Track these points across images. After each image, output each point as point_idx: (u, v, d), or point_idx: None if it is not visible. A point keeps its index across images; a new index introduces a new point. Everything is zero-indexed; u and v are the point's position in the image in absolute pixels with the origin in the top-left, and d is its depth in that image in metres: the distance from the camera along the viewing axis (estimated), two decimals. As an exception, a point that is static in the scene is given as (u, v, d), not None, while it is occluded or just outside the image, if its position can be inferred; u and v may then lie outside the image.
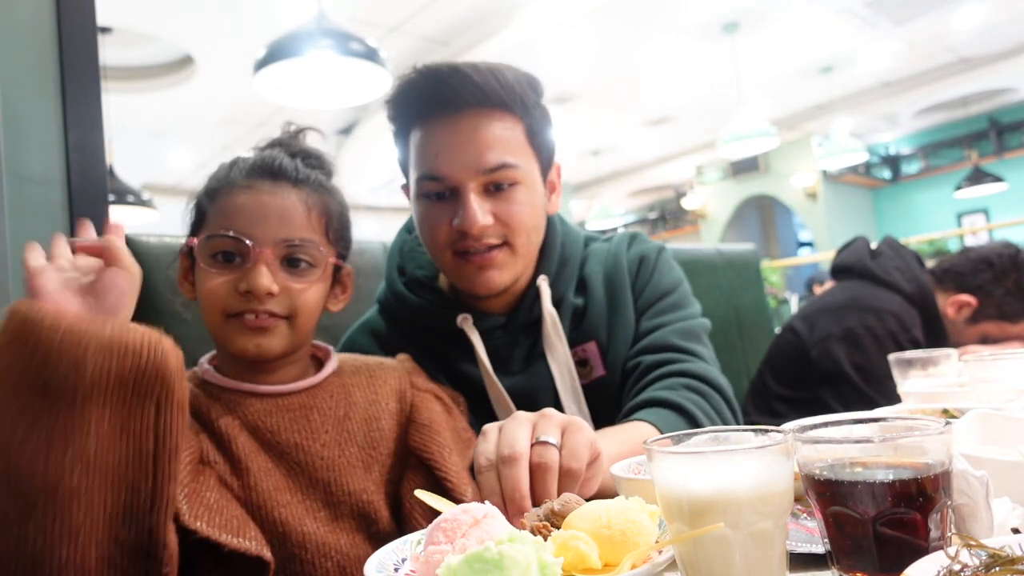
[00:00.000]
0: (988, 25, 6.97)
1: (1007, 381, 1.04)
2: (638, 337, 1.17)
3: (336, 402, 0.95)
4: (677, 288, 1.23)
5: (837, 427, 0.57)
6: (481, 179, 1.03)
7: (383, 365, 1.04)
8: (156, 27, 5.39)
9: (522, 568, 0.52)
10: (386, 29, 5.71)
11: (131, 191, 5.73)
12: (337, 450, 0.90)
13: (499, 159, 1.03)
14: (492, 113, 1.04)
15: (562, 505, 0.65)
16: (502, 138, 1.04)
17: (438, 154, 1.03)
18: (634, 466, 0.85)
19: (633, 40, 6.41)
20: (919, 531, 0.50)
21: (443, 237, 1.05)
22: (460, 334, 1.12)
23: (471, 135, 1.03)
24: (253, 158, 0.94)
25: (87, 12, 1.35)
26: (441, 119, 1.04)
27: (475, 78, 1.03)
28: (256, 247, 0.87)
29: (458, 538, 0.59)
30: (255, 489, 0.84)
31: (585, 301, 1.18)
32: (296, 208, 0.91)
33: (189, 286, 0.95)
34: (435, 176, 1.04)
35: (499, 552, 0.52)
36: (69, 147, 1.30)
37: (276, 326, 0.89)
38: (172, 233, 1.29)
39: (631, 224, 13.87)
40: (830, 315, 1.95)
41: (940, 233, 8.67)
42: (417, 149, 1.07)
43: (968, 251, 1.99)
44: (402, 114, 1.09)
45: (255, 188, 0.90)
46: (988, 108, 10.08)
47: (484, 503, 0.62)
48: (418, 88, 1.05)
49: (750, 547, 0.50)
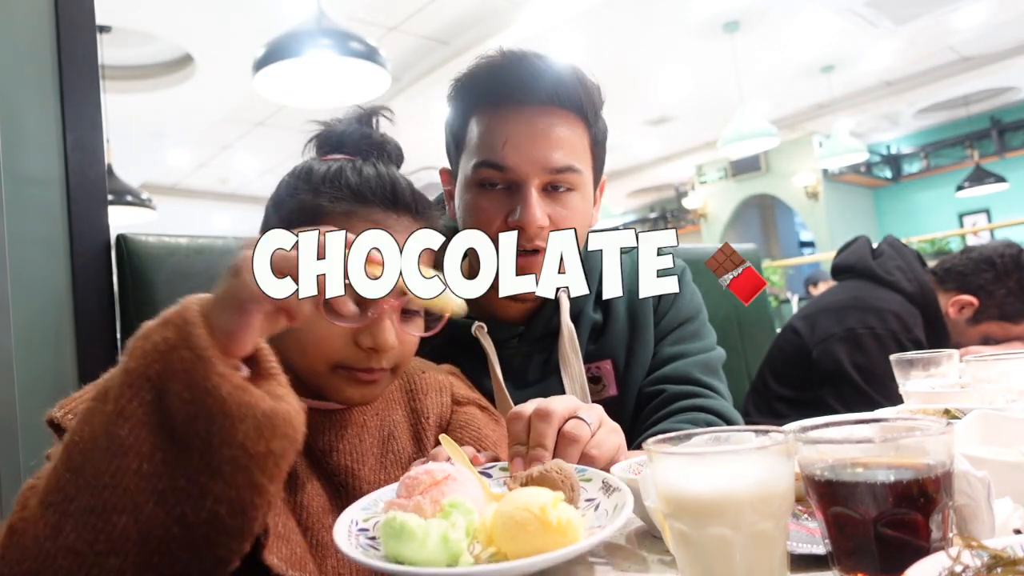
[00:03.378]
0: (990, 24, 6.96)
1: (1009, 382, 1.03)
2: (657, 363, 1.15)
3: (381, 420, 0.89)
4: (698, 315, 1.22)
5: (838, 427, 0.57)
6: (545, 178, 1.01)
7: (426, 376, 0.97)
8: (155, 26, 5.39)
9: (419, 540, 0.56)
10: (386, 28, 5.71)
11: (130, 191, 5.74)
12: (383, 475, 0.85)
13: (567, 161, 1.01)
14: (567, 114, 1.03)
15: (541, 473, 0.66)
16: (571, 140, 1.03)
17: (506, 143, 1.00)
18: (634, 466, 0.85)
19: (633, 40, 6.41)
20: (920, 532, 0.50)
21: (494, 231, 1.01)
22: (473, 343, 1.10)
23: (544, 131, 1.00)
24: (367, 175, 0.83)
25: (86, 11, 1.35)
26: (514, 108, 1.01)
27: (561, 74, 1.01)
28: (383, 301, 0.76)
29: (415, 495, 0.62)
30: (306, 509, 0.79)
31: (604, 318, 1.16)
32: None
33: None
34: (499, 165, 1.00)
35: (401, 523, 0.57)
36: (68, 146, 1.29)
37: (384, 377, 0.83)
38: (171, 232, 1.29)
39: (631, 224, 13.87)
40: (831, 315, 1.95)
41: (941, 233, 8.66)
42: (481, 135, 1.03)
43: (970, 251, 1.99)
44: (471, 95, 1.05)
45: (380, 224, 0.80)
46: (990, 107, 10.07)
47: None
48: (500, 71, 1.02)
49: (751, 548, 0.50)
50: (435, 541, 0.56)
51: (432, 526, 0.57)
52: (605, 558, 0.68)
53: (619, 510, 0.62)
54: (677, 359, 1.15)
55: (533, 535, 0.56)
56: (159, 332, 0.56)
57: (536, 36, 5.93)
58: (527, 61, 1.02)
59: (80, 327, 1.28)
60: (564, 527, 0.57)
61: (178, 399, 0.55)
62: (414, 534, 0.56)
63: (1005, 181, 9.05)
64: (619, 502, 0.64)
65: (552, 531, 0.57)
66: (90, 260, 1.30)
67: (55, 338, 1.26)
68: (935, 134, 10.92)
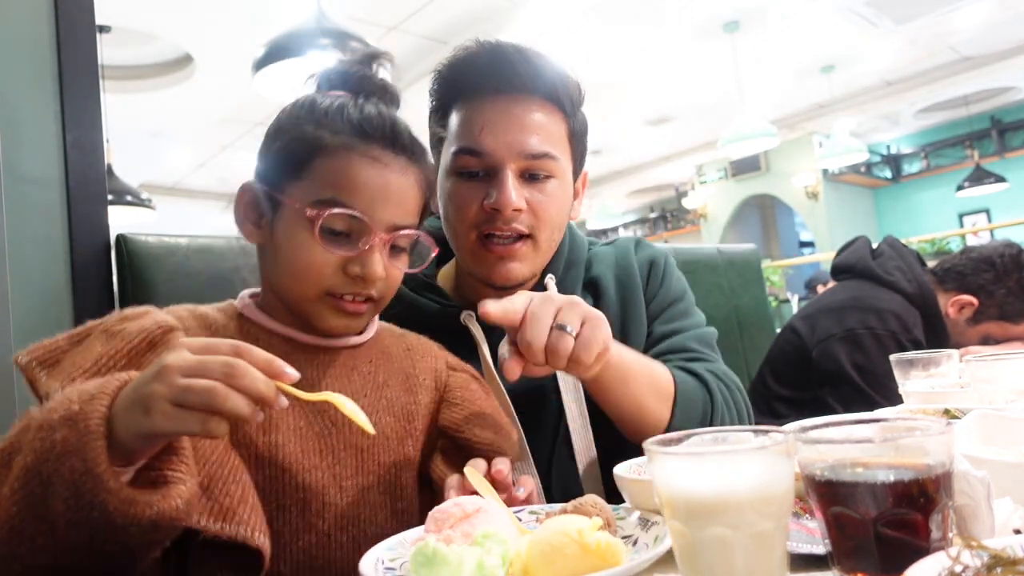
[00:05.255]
0: (990, 24, 6.96)
1: (1008, 382, 1.03)
2: (652, 343, 1.17)
3: (375, 367, 0.91)
4: (685, 295, 1.25)
5: (838, 427, 0.57)
6: (522, 163, 1.02)
7: (421, 340, 1.01)
8: (155, 26, 5.39)
9: (453, 567, 0.53)
10: (385, 28, 5.71)
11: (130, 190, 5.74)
12: (374, 416, 0.86)
13: (543, 147, 1.03)
14: (544, 103, 1.04)
15: (575, 506, 0.65)
16: (549, 128, 1.04)
17: (482, 129, 1.01)
18: (635, 467, 0.85)
19: (633, 40, 6.40)
20: (920, 532, 0.50)
21: (471, 216, 1.03)
22: (463, 333, 1.11)
23: (520, 117, 1.02)
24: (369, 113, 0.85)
25: (86, 11, 1.34)
26: (492, 97, 1.03)
27: (538, 64, 1.03)
28: (375, 231, 0.81)
29: (445, 528, 0.60)
30: (282, 449, 0.79)
31: (595, 303, 1.17)
32: (412, 192, 0.86)
33: (253, 228, 0.87)
34: (475, 151, 1.02)
35: (434, 549, 0.54)
36: (67, 146, 1.29)
37: (368, 309, 0.86)
38: (171, 232, 1.29)
39: (631, 224, 13.86)
40: (831, 315, 1.94)
41: (941, 233, 8.65)
42: (460, 124, 1.05)
43: (969, 251, 1.98)
44: (451, 87, 1.07)
45: (377, 160, 0.83)
46: (990, 107, 10.07)
47: (480, 496, 0.63)
48: (479, 61, 1.04)
49: (751, 548, 0.50)
50: (470, 568, 0.53)
51: (467, 552, 0.55)
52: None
53: (659, 541, 0.60)
54: (672, 335, 1.17)
55: (571, 559, 0.54)
56: (61, 430, 0.56)
57: (536, 36, 5.93)
58: (504, 51, 1.04)
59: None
60: (603, 550, 0.55)
61: (63, 504, 0.55)
62: (447, 559, 0.53)
63: (1005, 181, 9.05)
64: (659, 534, 0.63)
65: (591, 554, 0.55)
66: (90, 260, 1.30)
67: (55, 338, 1.26)
68: (935, 134, 10.91)
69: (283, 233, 0.83)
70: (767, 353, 2.09)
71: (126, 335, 0.73)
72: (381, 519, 0.84)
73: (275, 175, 0.85)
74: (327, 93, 0.89)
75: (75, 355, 0.73)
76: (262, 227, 0.87)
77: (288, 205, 0.83)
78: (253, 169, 0.90)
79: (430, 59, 6.37)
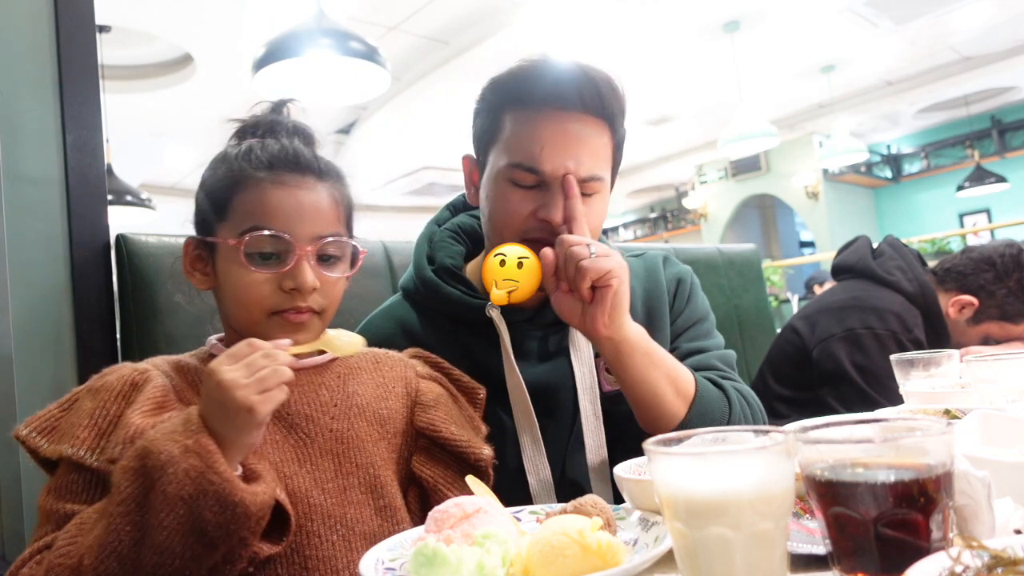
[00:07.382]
0: (990, 24, 6.96)
1: (1009, 382, 1.03)
2: (677, 358, 1.17)
3: (343, 381, 0.97)
4: (708, 316, 1.28)
5: (838, 427, 0.57)
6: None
7: (389, 355, 1.06)
8: (155, 26, 5.39)
9: (453, 567, 0.54)
10: (385, 28, 5.71)
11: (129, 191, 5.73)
12: (346, 423, 0.93)
13: (593, 171, 1.07)
14: (597, 123, 1.09)
15: (575, 507, 0.66)
16: (599, 149, 1.09)
17: (543, 149, 1.05)
18: (635, 467, 0.85)
19: (633, 40, 6.40)
20: (921, 532, 0.49)
21: (520, 223, 1.08)
22: (486, 324, 1.13)
23: (576, 139, 1.06)
24: (272, 150, 0.93)
25: (85, 10, 1.35)
26: (550, 113, 1.07)
27: (599, 87, 1.08)
28: (298, 245, 0.88)
29: (445, 529, 0.60)
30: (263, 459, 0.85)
31: None
32: (326, 203, 0.93)
33: (202, 276, 0.95)
34: (536, 170, 1.06)
35: (434, 550, 0.55)
36: (67, 146, 1.29)
37: (312, 321, 0.91)
38: (171, 232, 1.29)
39: (631, 224, 13.86)
40: (831, 315, 1.94)
41: (942, 233, 8.64)
42: (517, 136, 1.08)
43: (970, 251, 1.98)
44: (508, 93, 1.11)
45: (285, 183, 0.90)
46: (990, 107, 10.07)
47: (481, 497, 0.63)
48: (540, 75, 1.08)
49: (751, 548, 0.50)
50: (470, 568, 0.54)
51: (466, 552, 0.55)
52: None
53: (659, 541, 0.60)
54: (697, 354, 1.19)
55: (572, 560, 0.54)
56: (184, 460, 0.69)
57: (535, 37, 5.93)
58: (572, 70, 1.08)
59: (80, 327, 1.28)
60: (604, 550, 0.55)
61: (210, 512, 0.68)
62: (447, 559, 0.54)
63: (1005, 181, 9.04)
64: (659, 534, 0.63)
65: (592, 554, 0.55)
66: (90, 260, 1.30)
67: (55, 338, 1.26)
68: (935, 134, 10.91)
69: (223, 271, 0.91)
70: (767, 353, 2.09)
71: (109, 386, 0.82)
72: (367, 516, 0.89)
73: (206, 223, 0.94)
74: (240, 143, 0.98)
75: (69, 417, 0.81)
76: (208, 273, 0.95)
77: (221, 244, 0.91)
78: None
79: (430, 59, 6.37)
